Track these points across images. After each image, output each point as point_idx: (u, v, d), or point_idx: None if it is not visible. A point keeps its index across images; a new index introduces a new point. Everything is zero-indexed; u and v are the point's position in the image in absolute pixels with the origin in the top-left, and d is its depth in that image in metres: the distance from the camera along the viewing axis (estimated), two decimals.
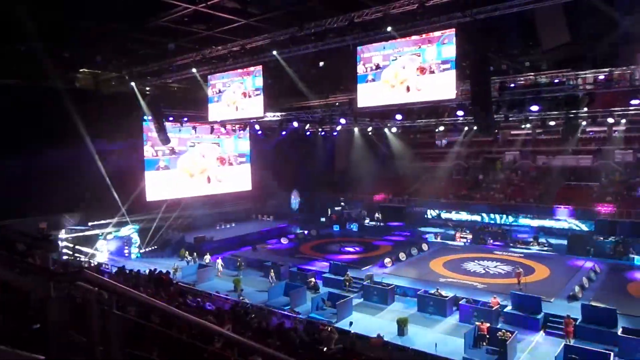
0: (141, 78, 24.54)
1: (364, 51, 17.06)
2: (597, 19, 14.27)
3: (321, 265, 27.23)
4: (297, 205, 44.14)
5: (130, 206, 29.75)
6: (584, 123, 27.76)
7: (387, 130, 36.58)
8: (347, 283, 23.38)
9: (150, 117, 27.67)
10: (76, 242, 26.89)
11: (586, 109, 22.38)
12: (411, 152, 43.55)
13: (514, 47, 20.58)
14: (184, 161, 34.36)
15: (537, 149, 40.35)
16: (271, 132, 36.57)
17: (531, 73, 20.52)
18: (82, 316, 3.33)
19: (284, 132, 35.33)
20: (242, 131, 38.13)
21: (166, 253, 31.94)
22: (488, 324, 17.19)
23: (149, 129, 30.37)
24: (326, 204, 43.53)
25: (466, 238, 33.20)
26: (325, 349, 13.07)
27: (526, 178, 40.03)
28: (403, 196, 42.63)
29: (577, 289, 21.00)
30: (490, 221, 36.85)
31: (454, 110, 24.88)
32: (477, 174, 42.76)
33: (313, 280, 24.05)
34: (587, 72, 19.13)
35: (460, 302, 19.97)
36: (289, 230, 38.20)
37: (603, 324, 17.11)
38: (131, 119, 28.77)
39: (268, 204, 43.19)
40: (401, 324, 18.18)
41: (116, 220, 29.95)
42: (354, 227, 39.47)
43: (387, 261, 26.76)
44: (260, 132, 36.56)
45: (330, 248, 32.26)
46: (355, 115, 28.64)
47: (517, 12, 13.48)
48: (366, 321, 19.54)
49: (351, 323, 18.29)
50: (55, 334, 3.31)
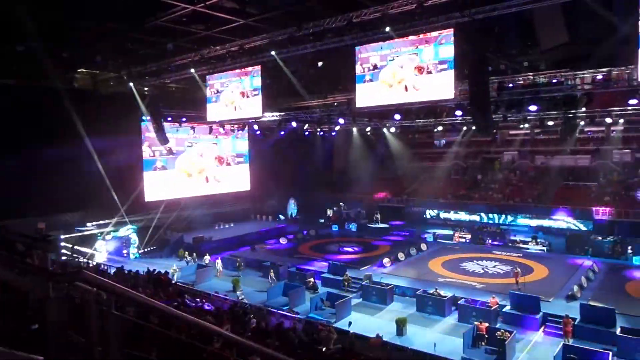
0: (140, 78, 24.54)
1: (362, 51, 17.10)
2: (596, 23, 14.28)
3: (320, 265, 27.21)
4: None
5: (129, 206, 29.69)
6: (582, 123, 27.79)
7: (386, 130, 36.58)
8: (346, 283, 23.38)
9: (148, 117, 27.66)
10: (75, 243, 26.81)
11: (584, 109, 22.41)
12: (410, 152, 43.53)
13: (513, 47, 20.64)
14: (182, 161, 34.32)
15: (536, 149, 40.36)
16: (270, 132, 36.55)
17: (530, 73, 20.56)
18: (81, 316, 3.33)
19: (283, 132, 35.32)
20: (241, 131, 38.10)
21: (165, 253, 31.89)
22: (487, 324, 17.18)
23: (146, 129, 30.36)
24: (325, 204, 43.53)
25: (465, 238, 33.24)
26: (324, 349, 13.10)
27: (524, 178, 40.07)
28: (402, 196, 42.68)
29: (576, 289, 21.02)
30: (488, 221, 36.94)
31: (453, 110, 24.85)
32: (476, 174, 42.79)
33: (312, 280, 24.03)
34: (586, 72, 19.16)
35: (458, 302, 20.00)
36: (288, 230, 38.19)
37: (602, 324, 17.13)
38: (129, 119, 28.74)
39: (267, 204, 43.18)
40: (400, 324, 18.18)
41: (115, 220, 29.95)
42: (353, 227, 39.51)
43: (386, 261, 26.77)
44: (258, 132, 36.57)
45: (329, 248, 32.24)
46: (353, 115, 28.63)
47: (516, 12, 13.50)
48: (365, 321, 19.52)
49: (350, 323, 18.29)
50: (54, 334, 3.31)
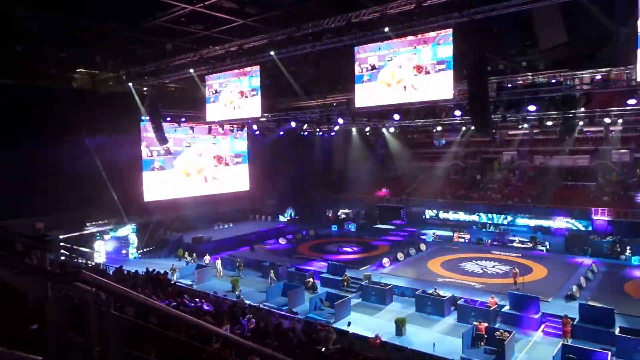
0: (139, 78, 24.52)
1: (360, 52, 17.13)
2: (595, 23, 14.29)
3: (319, 265, 27.22)
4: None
5: (128, 206, 29.69)
6: (581, 123, 27.84)
7: (385, 130, 36.59)
8: (345, 283, 23.39)
9: (147, 117, 27.62)
10: (74, 243, 26.80)
11: (583, 109, 22.45)
12: (409, 152, 43.55)
13: (512, 47, 20.66)
14: (181, 161, 34.29)
15: (535, 149, 40.38)
16: (269, 132, 36.53)
17: (529, 73, 20.58)
18: (80, 317, 3.32)
19: (282, 132, 35.28)
20: (240, 131, 38.08)
21: (164, 253, 31.88)
22: (486, 324, 17.20)
23: (145, 129, 30.32)
24: (324, 204, 43.50)
25: (464, 238, 33.25)
26: (323, 349, 13.09)
27: (524, 178, 40.07)
28: (401, 196, 42.69)
29: (575, 289, 21.05)
30: (488, 221, 36.94)
31: (452, 110, 24.84)
32: (475, 174, 42.80)
33: (311, 280, 24.03)
34: (584, 72, 19.19)
35: (458, 302, 20.01)
36: (287, 230, 38.15)
37: (600, 324, 17.16)
38: (129, 119, 28.73)
39: (266, 204, 43.15)
40: (399, 324, 18.18)
41: (114, 220, 29.92)
42: (352, 227, 39.50)
43: (385, 261, 26.79)
44: (257, 132, 36.56)
45: (328, 248, 32.26)
46: (353, 115, 28.62)
47: (515, 12, 13.53)
48: (364, 321, 19.54)
49: (349, 323, 18.30)
50: (53, 335, 3.30)
